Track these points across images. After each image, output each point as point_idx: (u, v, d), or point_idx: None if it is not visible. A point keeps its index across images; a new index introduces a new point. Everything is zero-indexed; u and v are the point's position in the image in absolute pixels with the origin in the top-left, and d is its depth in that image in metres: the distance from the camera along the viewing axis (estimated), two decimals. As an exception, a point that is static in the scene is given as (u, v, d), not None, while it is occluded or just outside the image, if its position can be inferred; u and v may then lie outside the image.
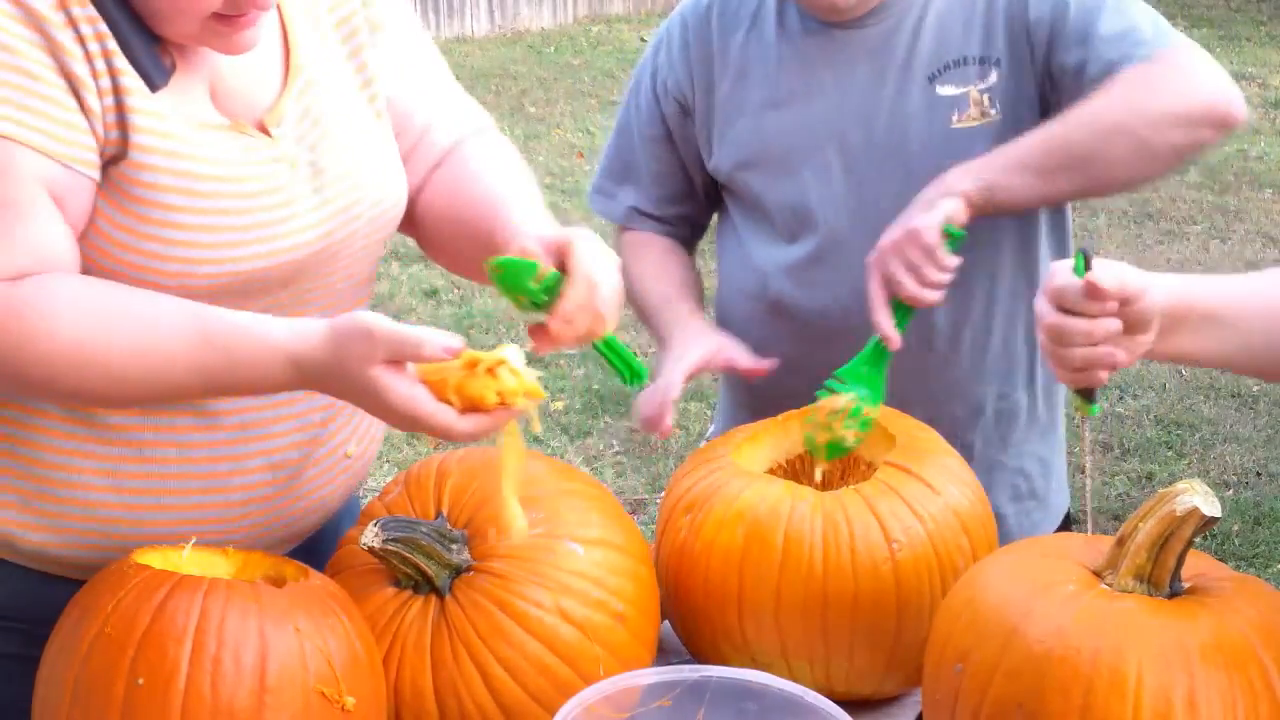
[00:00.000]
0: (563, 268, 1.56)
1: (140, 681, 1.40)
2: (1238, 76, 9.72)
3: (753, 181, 2.19)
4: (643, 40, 11.20)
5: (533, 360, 1.55)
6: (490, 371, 1.47)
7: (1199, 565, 1.53)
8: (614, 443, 4.93)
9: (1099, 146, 1.93)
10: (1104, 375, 1.53)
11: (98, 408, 1.61)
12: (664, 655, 1.83)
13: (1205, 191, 7.52)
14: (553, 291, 1.55)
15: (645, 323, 2.31)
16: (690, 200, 2.32)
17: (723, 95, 2.19)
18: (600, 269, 1.56)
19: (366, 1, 1.77)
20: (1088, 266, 1.48)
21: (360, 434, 1.84)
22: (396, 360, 1.45)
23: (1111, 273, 1.48)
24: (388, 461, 4.74)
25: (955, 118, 2.07)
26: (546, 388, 1.54)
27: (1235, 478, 4.68)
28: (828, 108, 2.12)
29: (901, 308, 1.96)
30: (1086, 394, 1.57)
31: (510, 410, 1.48)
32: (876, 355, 1.96)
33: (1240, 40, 10.88)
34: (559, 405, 5.14)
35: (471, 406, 1.47)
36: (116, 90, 1.53)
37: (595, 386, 5.28)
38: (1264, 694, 1.39)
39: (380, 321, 1.45)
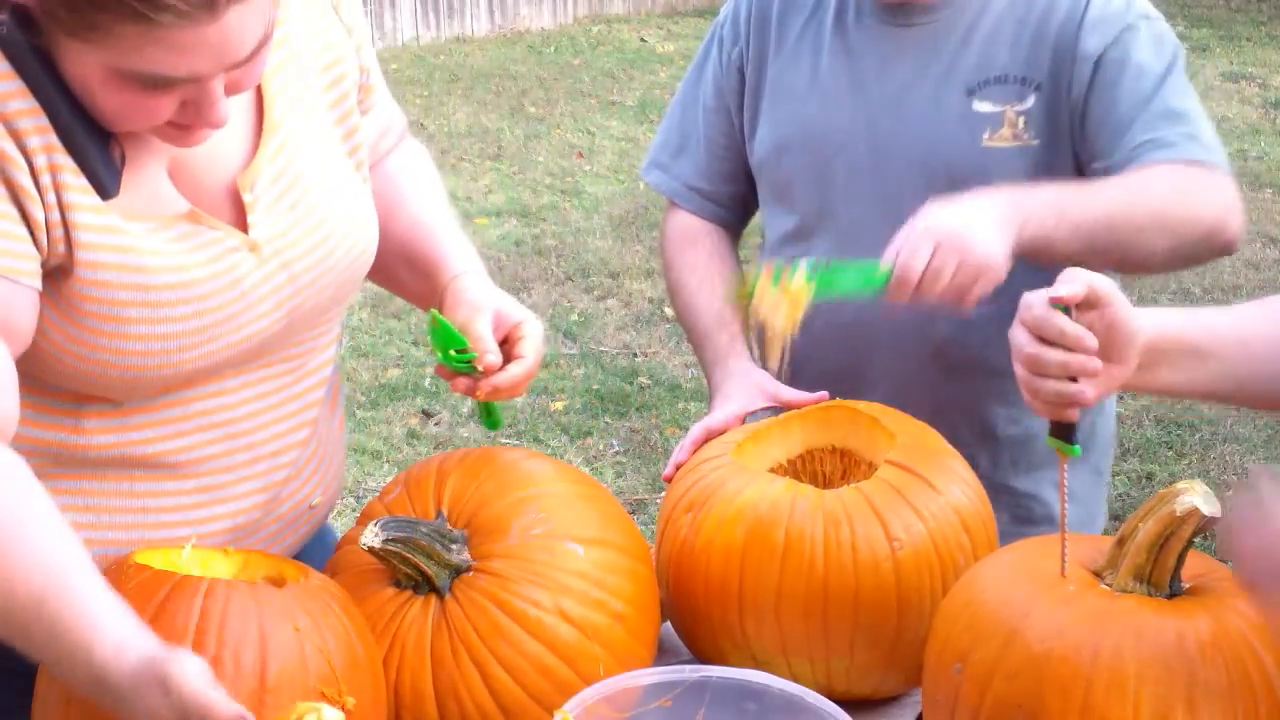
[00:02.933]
0: (506, 340, 1.74)
1: (140, 681, 1.40)
2: (1238, 76, 9.74)
3: (785, 165, 2.20)
4: (643, 40, 11.21)
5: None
6: None
7: (1199, 565, 1.53)
8: (614, 443, 4.93)
9: (1131, 239, 1.93)
10: (1074, 412, 1.51)
11: None
12: (664, 655, 1.83)
13: (1205, 191, 7.51)
14: (466, 366, 1.70)
15: (690, 343, 2.31)
16: (745, 179, 2.31)
17: (773, 76, 2.20)
18: (537, 358, 1.75)
19: (359, 48, 1.75)
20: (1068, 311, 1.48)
21: (325, 484, 1.82)
22: None
23: (1080, 279, 1.48)
24: (387, 461, 4.74)
25: (987, 135, 2.06)
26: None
27: (1235, 478, 4.68)
28: (867, 102, 2.12)
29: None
30: (1065, 434, 1.53)
31: None
32: (869, 277, 1.87)
33: (1240, 40, 10.87)
34: (559, 405, 5.14)
35: None
36: (62, 204, 1.48)
37: (595, 387, 5.28)
38: (1264, 694, 1.39)
39: (185, 679, 1.30)
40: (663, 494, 2.14)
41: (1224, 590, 1.49)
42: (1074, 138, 2.06)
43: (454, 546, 1.64)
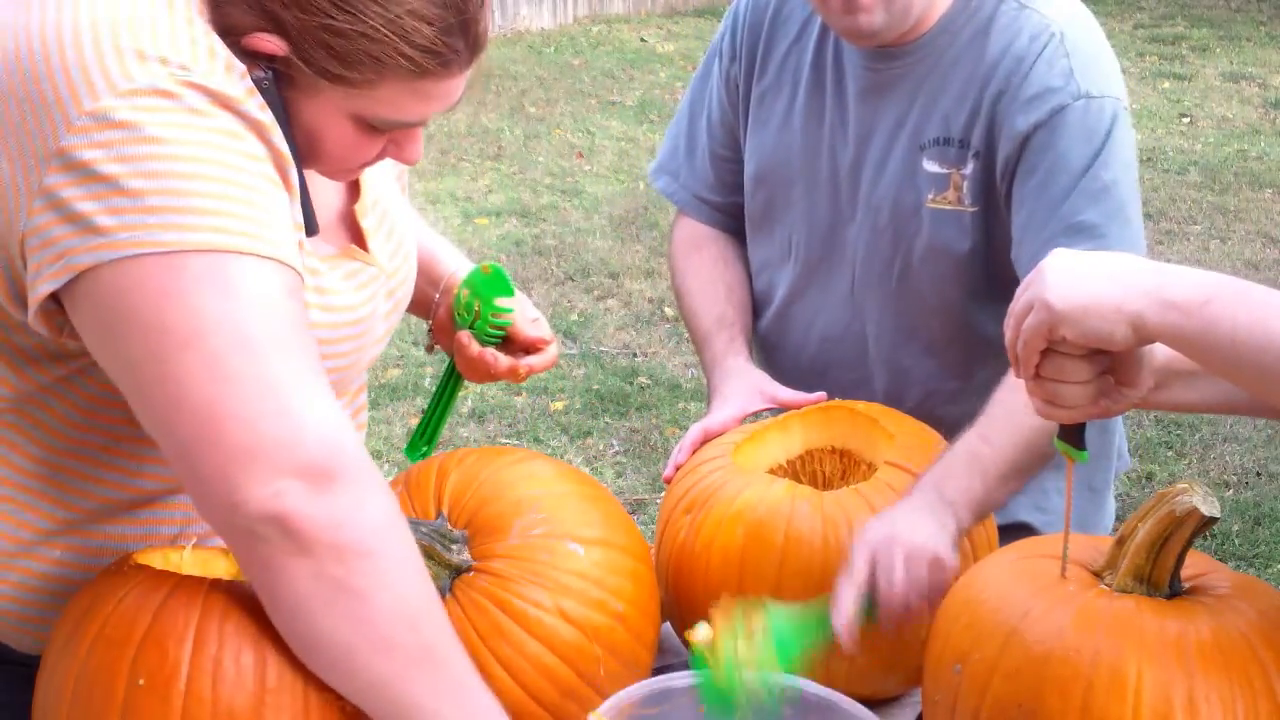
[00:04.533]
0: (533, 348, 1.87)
1: (141, 682, 1.40)
2: (1238, 76, 9.74)
3: (759, 194, 2.20)
4: (643, 40, 11.21)
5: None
6: None
7: (1199, 565, 1.53)
8: (614, 443, 4.93)
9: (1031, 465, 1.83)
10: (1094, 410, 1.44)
11: None
12: (664, 655, 1.83)
13: (1205, 191, 7.52)
14: (498, 336, 1.85)
15: (693, 344, 2.31)
16: None
17: (755, 99, 2.19)
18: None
19: None
20: None
21: None
22: None
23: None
24: (388, 462, 4.74)
25: (932, 195, 2.01)
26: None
27: (1235, 478, 4.68)
28: (832, 141, 2.10)
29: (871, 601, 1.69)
30: (1073, 438, 1.48)
31: None
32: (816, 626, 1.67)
33: (1240, 40, 10.88)
34: (559, 405, 5.14)
35: None
36: None
37: (595, 387, 5.28)
38: (1264, 694, 1.39)
39: None
40: (663, 494, 2.14)
41: (1224, 590, 1.49)
42: (1008, 210, 1.98)
43: (454, 546, 1.64)
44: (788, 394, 2.05)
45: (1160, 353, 1.45)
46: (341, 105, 1.44)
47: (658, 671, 1.70)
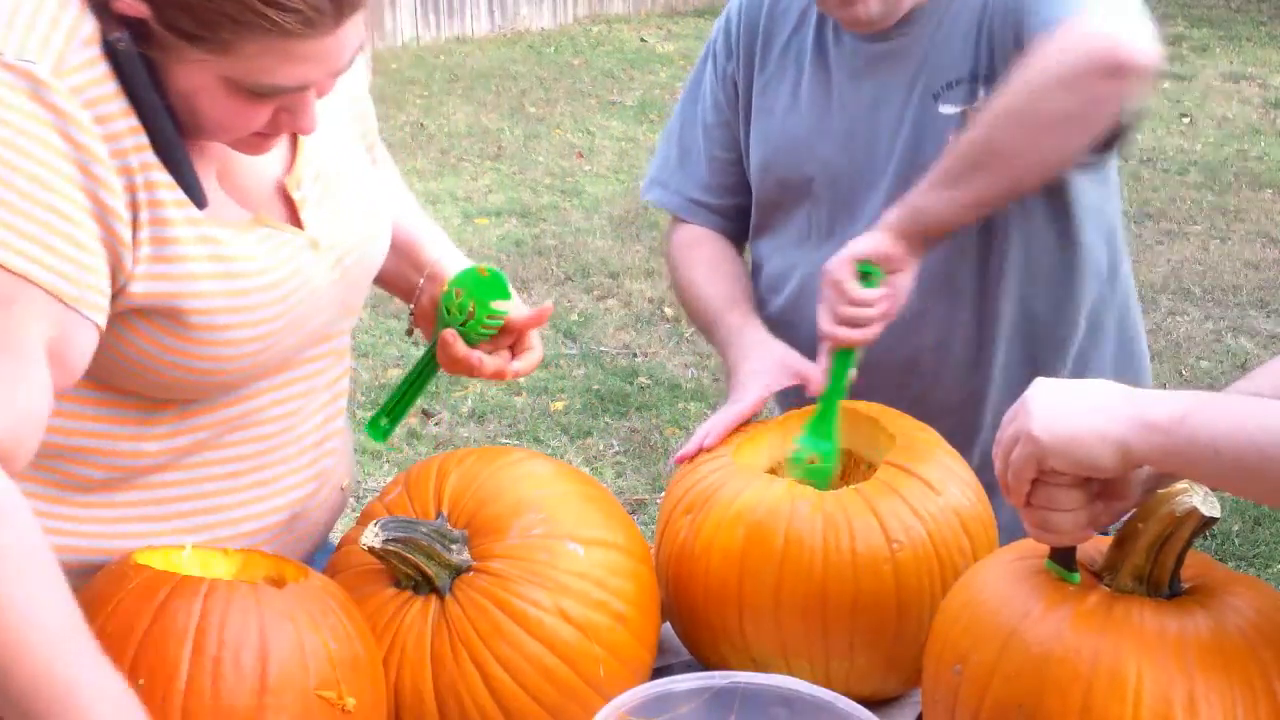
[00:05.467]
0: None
1: (141, 682, 1.40)
2: (1238, 76, 9.74)
3: (770, 183, 2.21)
4: (643, 40, 11.21)
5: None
6: None
7: (1199, 565, 1.53)
8: (614, 443, 4.93)
9: (996, 136, 1.86)
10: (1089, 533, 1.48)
11: None
12: (664, 656, 1.83)
13: (1205, 191, 7.52)
14: (489, 332, 1.82)
15: (703, 334, 2.30)
16: (747, 191, 2.30)
17: (758, 91, 2.20)
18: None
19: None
20: None
21: (348, 467, 1.89)
22: None
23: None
24: (387, 462, 4.74)
25: (953, 137, 2.02)
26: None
27: (1235, 478, 4.68)
28: (843, 118, 2.12)
29: (842, 352, 1.93)
30: (1064, 560, 1.49)
31: None
32: (825, 411, 1.92)
33: (1240, 40, 10.88)
34: (559, 405, 5.14)
35: None
36: (156, 220, 1.49)
37: (595, 387, 5.28)
38: (1263, 694, 1.39)
39: None
40: (663, 494, 2.14)
41: (1224, 590, 1.49)
42: None
43: (454, 546, 1.64)
44: (816, 369, 1.99)
45: (1147, 470, 1.47)
46: (211, 69, 1.44)
47: (658, 672, 1.70)
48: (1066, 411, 1.39)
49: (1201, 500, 1.45)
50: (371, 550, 1.60)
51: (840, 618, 1.72)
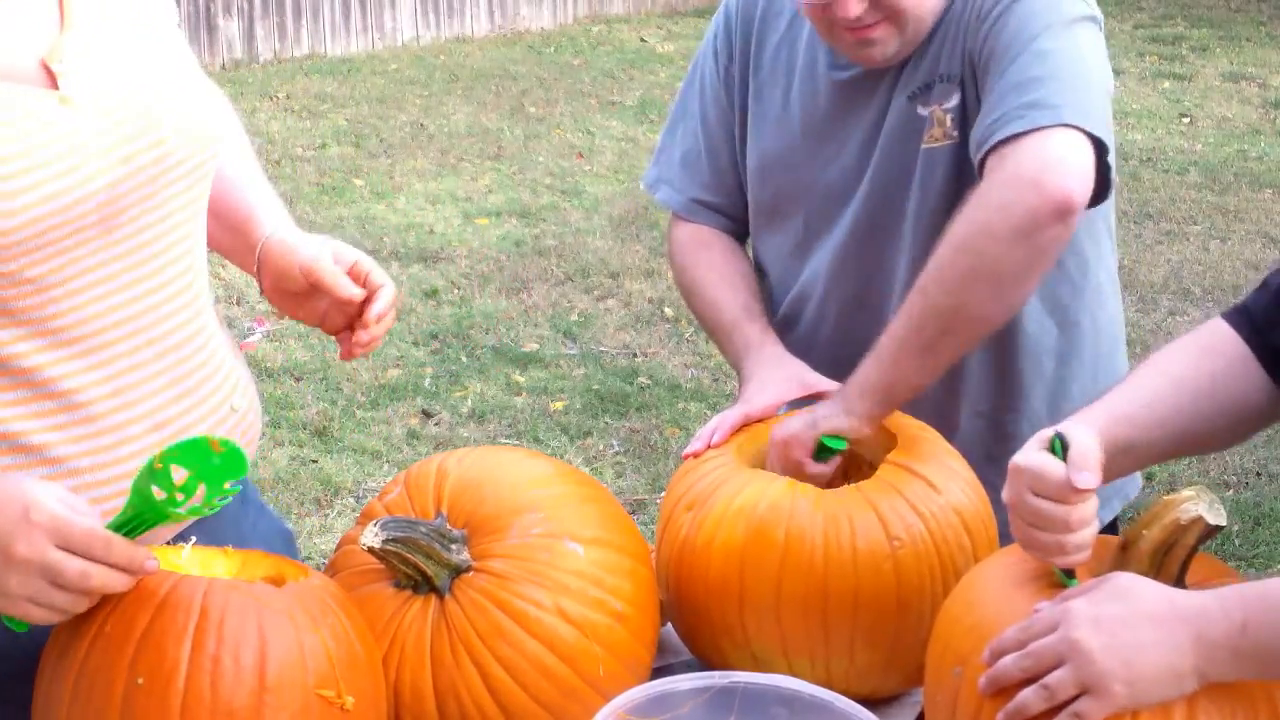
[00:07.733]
0: (363, 282, 1.79)
1: (140, 681, 1.40)
2: (1238, 76, 9.74)
3: (768, 186, 2.21)
4: (643, 40, 11.21)
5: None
6: None
7: (1202, 570, 1.52)
8: (614, 443, 4.93)
9: (966, 300, 1.85)
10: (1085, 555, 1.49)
11: None
12: (664, 655, 1.84)
13: (1205, 191, 7.53)
14: (202, 511, 1.47)
15: (713, 339, 2.29)
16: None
17: (753, 95, 2.20)
18: (391, 285, 1.82)
19: None
20: (1064, 451, 1.46)
21: (243, 389, 1.80)
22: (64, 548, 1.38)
23: (1090, 460, 1.45)
24: (388, 462, 4.74)
25: (926, 138, 2.03)
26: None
27: (1235, 478, 4.68)
28: (826, 125, 2.12)
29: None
30: (1067, 570, 1.51)
31: None
32: None
33: (1240, 40, 10.88)
34: (559, 405, 5.14)
35: None
36: None
37: (595, 387, 5.28)
38: (1263, 700, 1.38)
39: (46, 501, 1.38)
40: (663, 494, 2.14)
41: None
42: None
43: (454, 546, 1.64)
44: (825, 382, 2.02)
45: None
46: None
47: (658, 672, 1.70)
48: (1131, 650, 1.36)
49: (1207, 508, 1.44)
50: (371, 550, 1.60)
51: (841, 614, 1.72)
